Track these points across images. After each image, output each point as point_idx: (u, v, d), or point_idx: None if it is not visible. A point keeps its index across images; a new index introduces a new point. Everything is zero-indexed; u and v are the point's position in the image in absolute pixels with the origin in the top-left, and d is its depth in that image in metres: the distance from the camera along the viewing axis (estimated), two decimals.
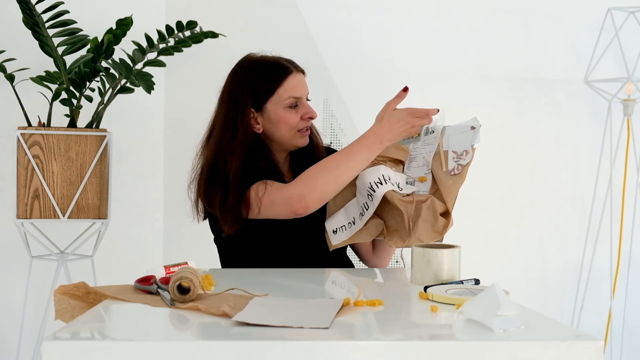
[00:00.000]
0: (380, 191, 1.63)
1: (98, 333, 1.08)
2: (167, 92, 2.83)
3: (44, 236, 2.49)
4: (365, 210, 1.68)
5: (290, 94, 1.80)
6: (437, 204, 1.60)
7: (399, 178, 1.69)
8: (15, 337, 2.58)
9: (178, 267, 1.41)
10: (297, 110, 1.81)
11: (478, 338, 1.03)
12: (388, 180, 1.66)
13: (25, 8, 2.29)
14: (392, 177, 1.68)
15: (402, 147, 1.76)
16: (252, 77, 1.80)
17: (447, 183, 1.62)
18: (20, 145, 2.35)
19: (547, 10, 2.98)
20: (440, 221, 1.59)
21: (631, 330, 3.00)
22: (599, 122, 2.96)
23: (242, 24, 2.80)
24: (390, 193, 1.63)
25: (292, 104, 1.81)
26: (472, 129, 1.65)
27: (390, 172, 1.69)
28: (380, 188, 1.64)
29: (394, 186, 1.66)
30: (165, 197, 2.84)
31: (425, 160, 1.68)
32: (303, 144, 1.84)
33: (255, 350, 0.98)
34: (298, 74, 1.84)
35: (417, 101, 3.06)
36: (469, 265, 1.73)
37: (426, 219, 1.59)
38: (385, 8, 2.90)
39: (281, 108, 1.80)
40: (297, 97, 1.81)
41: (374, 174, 1.67)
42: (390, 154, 1.73)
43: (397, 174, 1.70)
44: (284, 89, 1.79)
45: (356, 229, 1.70)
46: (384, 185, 1.65)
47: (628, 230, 2.95)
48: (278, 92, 1.80)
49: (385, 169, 1.68)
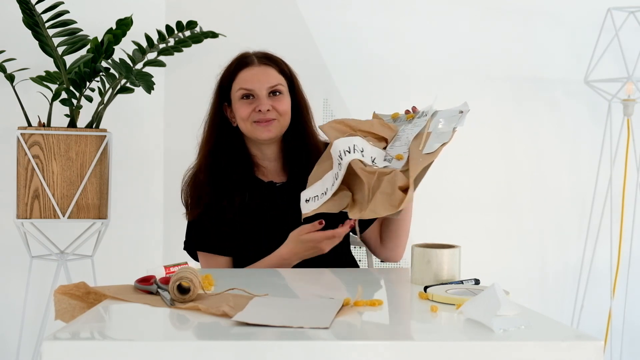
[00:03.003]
0: (347, 159, 1.60)
1: (98, 333, 1.08)
2: (167, 92, 2.83)
3: (44, 236, 2.49)
4: (335, 180, 1.64)
5: (241, 86, 1.85)
6: (399, 177, 1.54)
7: (376, 153, 1.65)
8: (15, 337, 2.58)
9: (178, 267, 1.41)
10: (251, 102, 1.84)
11: (478, 338, 1.03)
12: (358, 150, 1.62)
13: (25, 8, 2.29)
14: (366, 149, 1.64)
15: (389, 126, 1.72)
16: (222, 73, 1.91)
17: (417, 159, 1.56)
18: (20, 145, 2.35)
19: (547, 10, 2.98)
20: (398, 194, 1.52)
21: (631, 330, 3.00)
22: (599, 122, 2.96)
23: (242, 24, 2.80)
24: (356, 162, 1.59)
25: (243, 95, 1.84)
26: (460, 113, 1.63)
27: (366, 144, 1.65)
28: (347, 156, 1.60)
29: (366, 158, 1.62)
30: (165, 197, 2.84)
31: (408, 140, 1.65)
32: (262, 136, 1.84)
33: (255, 350, 0.98)
34: (256, 66, 1.86)
35: (418, 101, 3.07)
36: (469, 265, 1.73)
37: (384, 191, 1.53)
38: (385, 8, 2.90)
39: (237, 100, 1.86)
40: (247, 89, 1.84)
41: (345, 142, 1.64)
42: (376, 130, 1.70)
43: (374, 148, 1.66)
44: (237, 82, 1.86)
45: (326, 198, 1.66)
46: (351, 153, 1.61)
47: (628, 230, 2.95)
48: (233, 84, 1.87)
49: (360, 140, 1.65)
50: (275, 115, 1.84)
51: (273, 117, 1.83)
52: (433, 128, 1.63)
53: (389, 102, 2.87)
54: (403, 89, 2.89)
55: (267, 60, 1.88)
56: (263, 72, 1.85)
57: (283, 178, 1.91)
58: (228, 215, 1.82)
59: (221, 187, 1.85)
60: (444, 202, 2.91)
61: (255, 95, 1.83)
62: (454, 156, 2.94)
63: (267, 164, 1.91)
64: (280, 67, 1.89)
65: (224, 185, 1.84)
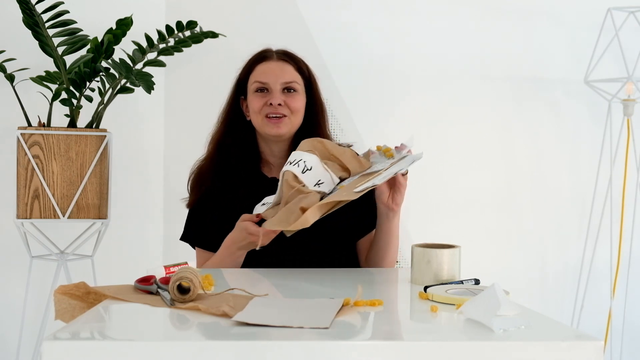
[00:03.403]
0: (284, 168, 1.59)
1: (98, 333, 1.08)
2: (167, 92, 2.83)
3: (44, 236, 2.49)
4: (278, 190, 1.63)
5: (256, 79, 1.86)
6: (309, 199, 1.49)
7: (326, 178, 1.60)
8: (15, 337, 2.58)
9: (178, 267, 1.41)
10: (264, 95, 1.84)
11: (478, 338, 1.03)
12: (302, 166, 1.58)
13: (25, 8, 2.29)
14: (316, 170, 1.59)
15: (360, 160, 1.65)
16: (242, 66, 1.92)
17: (342, 192, 1.51)
18: (20, 145, 2.35)
19: (547, 10, 2.98)
20: (297, 215, 1.48)
21: (631, 330, 3.00)
22: (599, 122, 2.96)
23: (242, 24, 2.80)
24: (289, 174, 1.56)
25: (257, 89, 1.85)
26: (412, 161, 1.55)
27: (318, 165, 1.60)
28: (286, 166, 1.59)
29: (307, 176, 1.57)
30: (165, 197, 2.84)
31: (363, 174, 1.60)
32: (271, 132, 1.83)
33: (255, 350, 0.98)
34: (274, 61, 1.87)
35: (418, 101, 3.07)
36: (469, 265, 1.72)
37: (289, 207, 1.51)
38: (385, 8, 2.90)
39: (251, 93, 1.87)
40: (262, 82, 1.85)
41: (296, 155, 1.62)
42: (344, 159, 1.64)
43: (327, 173, 1.61)
44: (253, 74, 1.87)
45: (270, 205, 1.65)
46: (291, 165, 1.59)
47: (628, 230, 2.95)
48: (250, 77, 1.88)
49: (314, 159, 1.61)
50: (287, 112, 1.83)
51: (284, 113, 1.83)
52: (384, 170, 1.56)
53: (389, 102, 2.89)
54: (403, 89, 2.89)
55: (285, 57, 1.89)
56: (280, 67, 1.86)
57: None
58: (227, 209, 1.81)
59: (225, 178, 1.86)
60: (444, 202, 2.91)
61: (269, 89, 1.84)
62: (454, 156, 2.95)
63: (274, 161, 1.91)
64: (299, 65, 1.90)
65: (228, 177, 1.86)
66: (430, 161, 2.92)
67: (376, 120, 2.82)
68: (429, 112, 2.91)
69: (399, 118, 2.88)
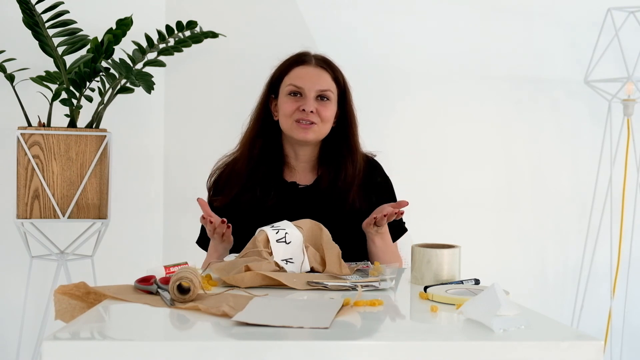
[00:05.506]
0: (264, 227, 1.57)
1: (98, 333, 1.08)
2: (167, 92, 2.83)
3: (44, 236, 2.49)
4: None
5: (291, 82, 1.85)
6: (262, 264, 1.46)
7: (297, 257, 1.55)
8: (15, 337, 2.58)
9: (178, 267, 1.42)
10: (297, 100, 1.83)
11: (478, 338, 1.03)
12: (281, 233, 1.55)
13: (25, 8, 2.29)
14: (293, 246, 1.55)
15: (343, 263, 1.57)
16: (278, 65, 1.91)
17: (297, 277, 1.45)
18: (20, 145, 2.35)
19: (547, 10, 2.98)
20: (237, 271, 1.43)
21: (631, 330, 3.00)
22: (599, 122, 2.96)
23: (242, 24, 2.80)
24: (262, 235, 1.54)
25: (291, 92, 1.84)
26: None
27: (298, 242, 1.56)
28: (267, 227, 1.57)
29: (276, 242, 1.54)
30: (165, 197, 2.84)
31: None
32: (299, 136, 1.83)
33: (255, 350, 0.98)
34: (312, 67, 1.86)
35: (418, 101, 3.07)
36: (469, 265, 1.73)
37: (237, 262, 1.48)
38: (385, 8, 2.90)
39: (284, 95, 1.86)
40: (297, 86, 1.84)
41: (284, 223, 1.59)
42: (328, 256, 1.58)
43: (301, 255, 1.56)
44: (288, 76, 1.86)
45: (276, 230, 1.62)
46: (271, 229, 1.56)
47: (628, 230, 2.95)
48: (285, 78, 1.87)
49: (296, 233, 1.57)
50: (317, 119, 1.83)
51: (314, 120, 1.82)
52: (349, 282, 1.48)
53: (389, 102, 2.89)
54: (403, 89, 2.89)
55: (323, 64, 1.88)
56: (317, 73, 1.85)
57: (308, 181, 1.90)
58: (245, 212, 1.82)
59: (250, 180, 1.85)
60: (444, 202, 2.91)
61: (303, 94, 1.83)
62: (454, 156, 2.95)
63: (296, 164, 1.91)
64: (335, 74, 1.90)
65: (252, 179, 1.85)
66: (430, 161, 2.93)
67: (376, 120, 2.82)
68: (429, 112, 2.91)
69: (399, 118, 2.88)
